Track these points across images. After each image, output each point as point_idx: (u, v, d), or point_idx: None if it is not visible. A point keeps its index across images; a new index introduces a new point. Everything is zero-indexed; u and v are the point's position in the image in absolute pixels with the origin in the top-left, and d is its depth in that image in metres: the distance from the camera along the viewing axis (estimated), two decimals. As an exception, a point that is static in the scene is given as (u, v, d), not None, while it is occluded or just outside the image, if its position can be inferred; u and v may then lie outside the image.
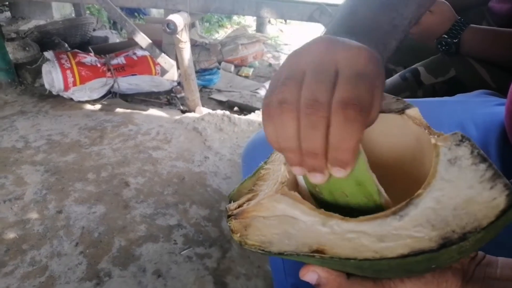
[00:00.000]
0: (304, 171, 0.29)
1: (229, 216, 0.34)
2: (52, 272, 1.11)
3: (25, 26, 3.15)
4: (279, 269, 0.84)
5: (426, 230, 0.25)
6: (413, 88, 0.93)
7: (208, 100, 2.42)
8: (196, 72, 2.40)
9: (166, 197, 1.43)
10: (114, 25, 3.56)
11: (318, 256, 0.27)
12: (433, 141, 0.31)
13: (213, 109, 2.13)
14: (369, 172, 0.29)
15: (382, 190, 0.29)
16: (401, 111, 0.34)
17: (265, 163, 0.36)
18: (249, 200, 0.34)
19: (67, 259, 1.15)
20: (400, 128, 0.34)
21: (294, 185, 0.34)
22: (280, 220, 0.31)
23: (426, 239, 0.24)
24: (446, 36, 0.87)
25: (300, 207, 0.31)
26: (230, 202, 0.36)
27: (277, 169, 0.35)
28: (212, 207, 1.39)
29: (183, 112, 2.15)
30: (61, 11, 3.65)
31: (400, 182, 0.34)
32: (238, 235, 0.32)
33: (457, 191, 0.26)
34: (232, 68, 2.92)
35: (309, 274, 0.30)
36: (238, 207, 0.34)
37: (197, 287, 1.08)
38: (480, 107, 0.67)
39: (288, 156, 0.29)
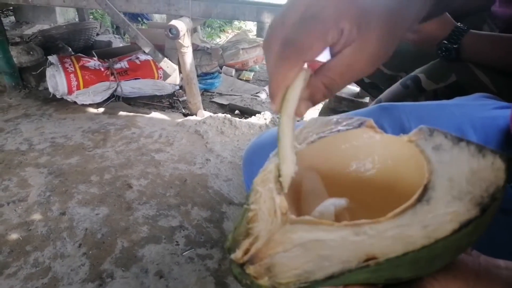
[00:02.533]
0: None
1: (241, 266, 0.29)
2: (55, 273, 1.12)
3: (29, 31, 3.18)
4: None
5: (457, 204, 0.25)
6: (414, 95, 0.93)
7: (210, 104, 2.44)
8: (198, 76, 2.42)
9: (168, 199, 1.44)
10: (117, 29, 3.59)
11: (374, 263, 0.25)
12: (405, 139, 0.32)
13: (215, 113, 2.15)
14: (285, 120, 0.30)
15: (289, 158, 0.30)
16: (359, 125, 0.36)
17: (248, 204, 0.33)
18: (252, 243, 0.30)
19: (70, 261, 1.16)
20: (365, 140, 0.36)
21: (295, 211, 0.32)
22: (305, 248, 0.28)
23: (464, 211, 0.25)
24: (446, 41, 0.87)
25: (319, 227, 0.28)
26: (229, 253, 0.31)
27: (265, 206, 0.31)
28: (213, 209, 1.41)
29: (185, 115, 2.17)
30: (64, 16, 3.68)
31: (384, 193, 0.34)
32: (266, 278, 0.28)
33: (458, 168, 0.27)
34: (233, 72, 2.94)
35: None
36: (246, 253, 0.30)
37: (199, 288, 1.09)
38: (479, 111, 0.67)
39: None
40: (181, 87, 2.38)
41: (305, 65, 0.30)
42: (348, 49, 0.30)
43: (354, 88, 2.05)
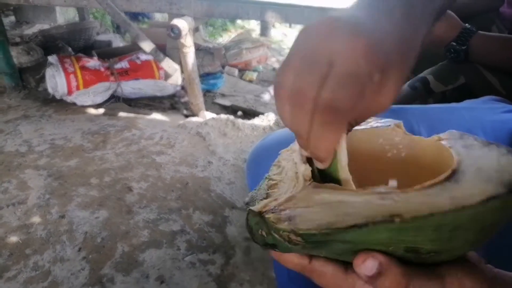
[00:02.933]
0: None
1: (260, 214, 0.29)
2: (55, 277, 1.10)
3: (29, 30, 3.16)
4: (283, 276, 0.83)
5: (485, 184, 0.25)
6: (423, 97, 0.92)
7: (212, 105, 2.42)
8: (200, 76, 2.40)
9: (170, 202, 1.42)
10: (117, 29, 3.58)
11: (399, 219, 0.25)
12: (435, 138, 0.34)
13: (217, 114, 2.13)
14: (343, 173, 0.30)
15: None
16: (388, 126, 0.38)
17: (269, 176, 0.34)
18: (272, 201, 0.30)
19: (69, 264, 1.14)
20: (391, 138, 0.37)
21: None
22: (328, 206, 0.28)
23: (492, 188, 0.25)
24: (454, 43, 0.86)
25: (344, 192, 0.28)
26: (247, 207, 0.32)
27: (287, 177, 0.32)
28: (215, 213, 1.38)
29: (187, 116, 2.15)
30: (64, 15, 3.67)
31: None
32: (286, 223, 0.28)
33: (488, 161, 0.28)
34: (236, 72, 2.92)
35: (369, 262, 0.26)
36: (265, 207, 0.30)
37: (201, 294, 1.07)
38: (489, 114, 0.66)
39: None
40: (182, 88, 2.36)
41: None
42: (367, 94, 0.29)
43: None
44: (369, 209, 0.26)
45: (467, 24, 0.87)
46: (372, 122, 0.39)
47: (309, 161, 0.32)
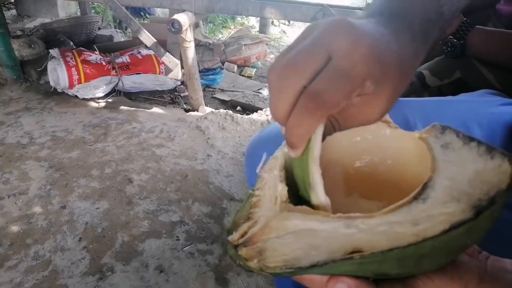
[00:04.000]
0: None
1: (236, 247, 0.31)
2: (56, 266, 1.12)
3: (31, 24, 3.17)
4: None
5: (454, 205, 0.25)
6: (418, 91, 0.93)
7: (211, 100, 2.43)
8: (200, 71, 2.41)
9: (169, 194, 1.44)
10: (119, 24, 3.58)
11: (358, 256, 0.25)
12: (417, 135, 0.32)
13: (216, 109, 2.14)
14: (312, 167, 0.30)
15: (318, 188, 0.30)
16: None
17: (253, 190, 0.34)
18: (250, 227, 0.31)
19: (70, 254, 1.16)
20: (378, 134, 0.36)
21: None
22: (297, 236, 0.28)
23: (459, 212, 0.25)
24: (452, 37, 0.86)
25: (314, 217, 0.28)
26: (228, 235, 0.32)
27: (268, 193, 0.32)
28: (214, 205, 1.40)
29: (187, 111, 2.17)
30: (66, 10, 3.67)
31: (389, 186, 0.34)
32: (256, 261, 0.29)
33: (463, 168, 0.27)
34: (235, 68, 2.93)
35: (338, 286, 0.28)
36: (242, 236, 0.31)
37: (199, 283, 1.09)
38: (484, 107, 0.66)
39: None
40: (182, 83, 2.38)
41: None
42: (357, 99, 0.29)
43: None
44: (333, 241, 0.27)
45: (465, 19, 0.88)
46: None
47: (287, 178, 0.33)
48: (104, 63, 2.20)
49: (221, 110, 2.03)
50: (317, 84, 0.27)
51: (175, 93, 2.38)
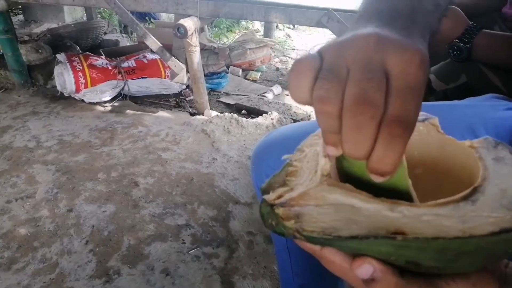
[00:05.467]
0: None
1: (272, 206, 0.30)
2: (62, 269, 1.12)
3: (38, 29, 3.21)
4: (286, 270, 0.85)
5: (504, 212, 0.25)
6: (424, 96, 0.92)
7: (216, 103, 2.44)
8: (205, 75, 2.42)
9: (175, 197, 1.45)
10: (124, 29, 3.61)
11: (401, 238, 0.25)
12: (467, 143, 0.32)
13: (221, 112, 2.15)
14: (406, 180, 0.29)
15: (415, 196, 0.29)
16: (423, 121, 0.36)
17: (291, 161, 0.33)
18: (286, 192, 0.30)
19: (77, 257, 1.17)
20: (423, 136, 0.36)
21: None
22: (337, 209, 0.28)
23: (508, 218, 0.24)
24: (458, 41, 0.85)
25: (357, 195, 0.28)
26: (262, 194, 0.32)
27: (307, 166, 0.32)
28: (219, 208, 1.41)
29: (192, 114, 2.18)
30: (72, 15, 3.71)
31: (426, 185, 0.34)
32: (293, 222, 0.29)
33: None
34: (240, 72, 2.94)
35: (365, 267, 0.27)
36: (278, 197, 0.30)
37: (204, 286, 1.09)
38: (491, 111, 0.66)
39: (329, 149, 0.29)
40: (188, 87, 2.39)
41: None
42: None
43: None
44: (375, 220, 0.26)
45: (471, 22, 0.87)
46: None
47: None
48: (110, 68, 2.22)
49: (226, 114, 2.03)
50: (395, 108, 0.26)
51: (181, 97, 2.39)
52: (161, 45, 1.94)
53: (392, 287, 0.27)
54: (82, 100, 2.17)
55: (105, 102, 2.20)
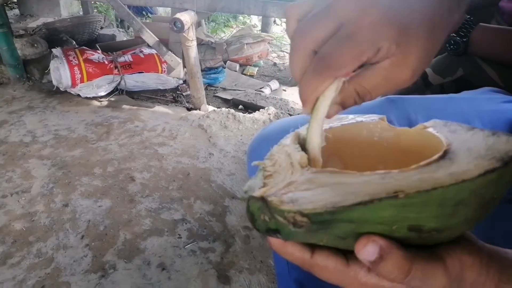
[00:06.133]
0: None
1: (262, 199, 0.29)
2: (58, 264, 1.12)
3: (33, 24, 3.18)
4: (282, 264, 0.85)
5: (479, 160, 0.27)
6: (421, 89, 0.92)
7: (213, 98, 2.43)
8: (202, 70, 2.41)
9: (171, 192, 1.44)
10: (121, 23, 3.59)
11: (403, 195, 0.25)
12: (420, 127, 0.35)
13: (218, 107, 2.15)
14: (313, 125, 0.32)
15: (314, 142, 0.32)
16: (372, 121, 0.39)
17: (264, 167, 0.33)
18: (272, 187, 0.30)
19: (72, 252, 1.16)
20: (377, 134, 0.39)
21: None
22: (331, 187, 0.27)
23: (488, 163, 0.26)
24: (455, 34, 0.86)
25: (344, 174, 0.28)
26: (247, 194, 0.31)
27: (282, 168, 0.32)
28: (216, 203, 1.40)
29: (189, 109, 2.17)
30: (68, 9, 3.68)
31: None
32: (291, 204, 0.27)
33: (476, 143, 0.29)
34: (237, 67, 2.93)
35: (370, 246, 0.26)
36: (266, 191, 0.29)
37: (201, 281, 1.09)
38: (487, 104, 0.66)
39: None
40: (184, 81, 2.38)
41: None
42: (386, 62, 0.30)
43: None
44: (371, 188, 0.26)
45: (468, 16, 0.87)
46: (357, 117, 0.39)
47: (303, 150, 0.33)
48: (106, 62, 2.20)
49: (223, 109, 2.03)
50: (325, 48, 0.30)
51: (177, 92, 2.38)
52: (157, 39, 1.93)
53: (401, 262, 0.26)
54: (78, 95, 2.16)
55: (101, 97, 2.19)
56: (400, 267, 0.26)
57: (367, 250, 0.26)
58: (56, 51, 2.14)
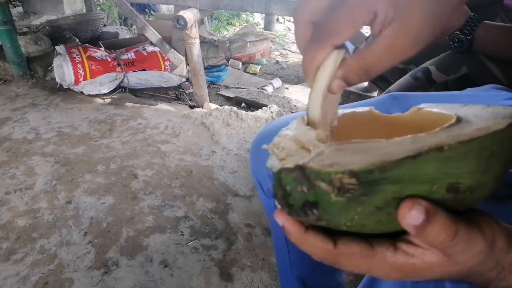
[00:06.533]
0: None
1: (300, 167, 0.27)
2: (61, 260, 1.13)
3: (37, 21, 3.19)
4: (284, 260, 0.85)
5: (496, 119, 0.27)
6: (425, 87, 0.92)
7: (216, 96, 2.43)
8: (205, 68, 2.41)
9: (174, 190, 1.44)
10: (124, 21, 3.59)
11: (447, 146, 0.24)
12: (415, 109, 0.36)
13: (221, 105, 2.14)
14: (314, 92, 0.32)
15: (316, 103, 0.32)
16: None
17: (274, 153, 0.32)
18: (301, 159, 0.28)
19: (75, 248, 1.17)
20: (370, 123, 0.39)
21: None
22: (365, 152, 0.26)
23: (503, 121, 0.27)
24: (459, 32, 0.85)
25: (373, 141, 0.27)
26: (273, 171, 0.30)
27: (292, 151, 0.31)
28: (218, 200, 1.41)
29: (191, 107, 2.17)
30: (72, 7, 3.69)
31: None
32: (336, 166, 0.25)
33: (478, 112, 0.30)
34: (240, 65, 2.93)
35: (415, 210, 0.25)
36: (299, 161, 0.27)
37: (203, 278, 1.10)
38: (490, 101, 0.66)
39: None
40: (187, 79, 2.38)
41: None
42: (388, 30, 0.30)
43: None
44: (406, 149, 0.25)
45: (473, 14, 0.87)
46: (345, 110, 0.39)
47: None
48: (109, 60, 2.21)
49: (226, 107, 2.03)
50: (322, 18, 0.32)
51: (180, 89, 2.38)
52: (160, 37, 1.93)
53: (447, 224, 0.26)
54: (81, 92, 2.16)
55: (104, 94, 2.20)
56: (447, 229, 0.26)
57: (413, 213, 0.25)
58: (60, 48, 2.15)
